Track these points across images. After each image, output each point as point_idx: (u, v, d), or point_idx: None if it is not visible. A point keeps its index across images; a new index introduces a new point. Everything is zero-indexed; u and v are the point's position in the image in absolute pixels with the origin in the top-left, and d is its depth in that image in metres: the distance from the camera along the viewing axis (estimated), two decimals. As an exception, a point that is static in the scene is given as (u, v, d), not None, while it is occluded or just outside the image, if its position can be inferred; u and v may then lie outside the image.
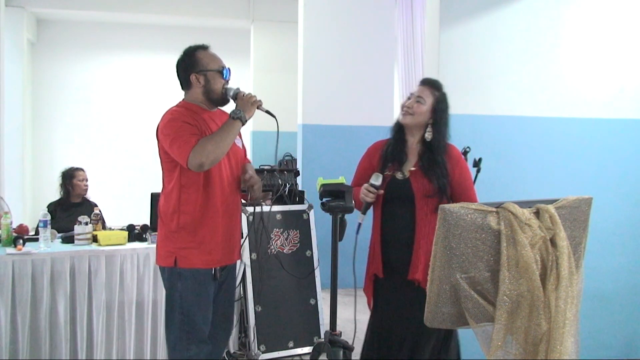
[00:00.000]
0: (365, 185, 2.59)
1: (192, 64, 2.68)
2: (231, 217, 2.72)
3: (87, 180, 4.82)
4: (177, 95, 2.77)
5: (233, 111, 2.59)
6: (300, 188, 4.38)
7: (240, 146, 2.83)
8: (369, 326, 2.74)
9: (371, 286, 2.70)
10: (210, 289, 2.66)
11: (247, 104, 2.62)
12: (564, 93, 3.77)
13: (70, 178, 4.77)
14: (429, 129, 2.62)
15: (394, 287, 2.63)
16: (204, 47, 2.72)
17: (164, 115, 2.66)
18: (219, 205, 2.63)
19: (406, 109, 2.63)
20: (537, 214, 2.00)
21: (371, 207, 2.68)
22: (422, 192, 2.56)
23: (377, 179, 2.57)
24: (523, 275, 1.90)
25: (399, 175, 2.63)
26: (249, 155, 3.10)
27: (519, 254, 1.90)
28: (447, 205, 1.92)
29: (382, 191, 2.59)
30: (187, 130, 2.53)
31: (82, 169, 4.87)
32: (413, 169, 2.62)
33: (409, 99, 2.66)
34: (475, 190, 2.70)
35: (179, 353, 2.61)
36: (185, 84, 2.72)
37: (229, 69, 2.72)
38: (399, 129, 2.70)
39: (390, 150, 2.66)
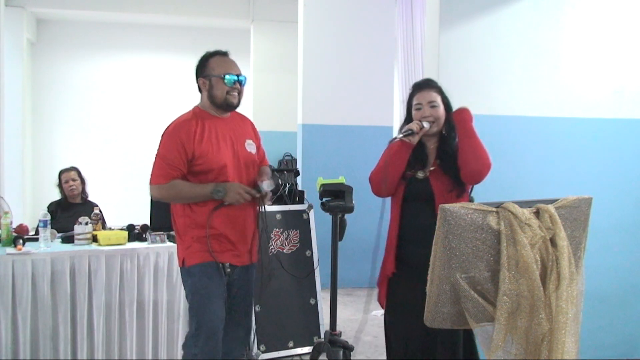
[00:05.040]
0: (418, 122, 2.62)
1: (201, 68, 2.71)
2: (237, 220, 2.70)
3: (75, 180, 4.68)
4: (177, 95, 2.78)
5: (216, 190, 2.57)
6: (300, 188, 4.38)
7: (254, 151, 2.80)
8: (386, 326, 2.76)
9: (385, 282, 2.72)
10: (219, 283, 2.66)
11: (236, 195, 2.59)
12: (564, 93, 3.77)
13: (60, 179, 4.73)
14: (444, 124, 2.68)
15: (409, 283, 2.62)
16: (219, 53, 2.72)
17: (173, 120, 2.70)
18: (223, 211, 2.64)
19: (426, 119, 2.64)
20: (537, 213, 2.00)
21: (389, 205, 2.72)
22: (442, 190, 2.60)
23: (425, 125, 2.63)
24: (523, 275, 1.90)
25: (419, 175, 2.66)
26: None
27: (519, 254, 1.90)
28: (447, 205, 1.93)
29: (423, 131, 2.61)
30: (173, 161, 2.58)
31: (72, 169, 4.75)
32: (432, 168, 2.66)
33: (419, 109, 2.67)
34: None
35: (188, 349, 2.66)
36: (198, 88, 2.74)
37: (238, 76, 2.67)
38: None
39: (411, 155, 2.69)
